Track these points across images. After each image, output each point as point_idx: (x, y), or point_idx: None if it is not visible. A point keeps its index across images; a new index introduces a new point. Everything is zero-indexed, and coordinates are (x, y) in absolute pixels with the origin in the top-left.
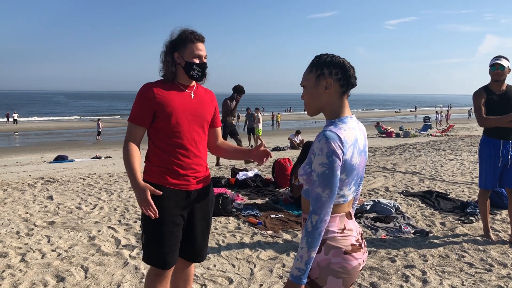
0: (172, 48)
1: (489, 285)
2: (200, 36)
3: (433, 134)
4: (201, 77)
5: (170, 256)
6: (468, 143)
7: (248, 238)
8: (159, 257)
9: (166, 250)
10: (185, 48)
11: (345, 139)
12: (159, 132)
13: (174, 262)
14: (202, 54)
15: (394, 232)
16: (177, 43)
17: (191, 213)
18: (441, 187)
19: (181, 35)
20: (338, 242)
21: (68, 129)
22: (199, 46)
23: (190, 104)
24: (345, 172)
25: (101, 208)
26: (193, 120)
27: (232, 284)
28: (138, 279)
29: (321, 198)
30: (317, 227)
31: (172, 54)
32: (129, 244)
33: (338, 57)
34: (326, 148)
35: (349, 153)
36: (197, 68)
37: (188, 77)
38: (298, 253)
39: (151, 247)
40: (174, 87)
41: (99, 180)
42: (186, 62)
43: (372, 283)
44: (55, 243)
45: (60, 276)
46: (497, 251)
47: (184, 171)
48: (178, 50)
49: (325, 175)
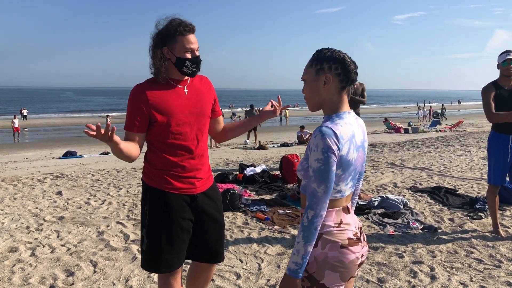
0: (160, 42)
1: (498, 281)
2: (190, 27)
3: (442, 129)
4: (195, 73)
5: (175, 261)
6: (478, 138)
7: (256, 234)
8: (163, 262)
9: (171, 255)
10: (175, 42)
11: (341, 134)
12: (159, 136)
13: (179, 264)
14: (194, 47)
15: (402, 228)
16: (165, 36)
17: (200, 216)
18: (450, 183)
19: (169, 27)
20: (334, 236)
21: (77, 125)
22: (190, 38)
23: (186, 101)
24: (341, 168)
25: (109, 204)
26: (192, 118)
27: (240, 279)
28: (146, 274)
29: (317, 193)
30: (313, 221)
31: (161, 49)
32: (137, 239)
33: (339, 51)
34: (321, 144)
35: (345, 149)
36: (191, 64)
37: (181, 73)
38: (295, 248)
39: (154, 254)
40: (167, 85)
41: (107, 175)
42: (177, 58)
43: (380, 278)
44: (64, 238)
45: (70, 271)
46: (506, 247)
47: (189, 173)
48: (167, 44)
49: (320, 171)
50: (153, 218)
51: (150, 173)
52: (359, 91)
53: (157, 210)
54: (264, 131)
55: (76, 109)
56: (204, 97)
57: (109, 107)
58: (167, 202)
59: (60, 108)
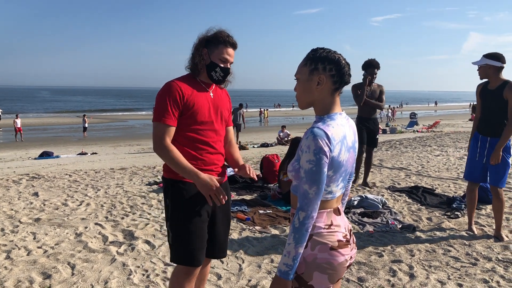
0: (204, 43)
1: (474, 278)
2: (234, 43)
3: (419, 130)
4: (221, 81)
5: (200, 253)
6: (454, 139)
7: (237, 234)
8: (189, 254)
9: (196, 246)
10: (216, 48)
11: (332, 136)
12: (182, 130)
13: (203, 259)
14: (229, 60)
15: (381, 227)
16: (210, 40)
17: (215, 209)
18: (427, 183)
19: (217, 34)
20: (324, 238)
21: (53, 125)
22: (229, 51)
23: (211, 103)
24: (332, 169)
25: (87, 205)
26: (214, 119)
27: (221, 280)
28: (125, 276)
29: (308, 194)
30: (304, 223)
31: (201, 49)
32: (116, 240)
33: (335, 52)
34: (313, 145)
35: (336, 150)
36: (219, 71)
37: (208, 76)
38: (286, 249)
39: (181, 246)
40: (197, 85)
41: (85, 176)
42: (211, 61)
43: (360, 278)
44: (41, 240)
45: (47, 273)
46: (482, 245)
47: (208, 167)
48: (209, 47)
49: (312, 172)
50: (175, 210)
51: None
52: (376, 94)
53: (179, 201)
54: (244, 131)
55: (53, 109)
56: (224, 104)
57: (87, 107)
58: (188, 192)
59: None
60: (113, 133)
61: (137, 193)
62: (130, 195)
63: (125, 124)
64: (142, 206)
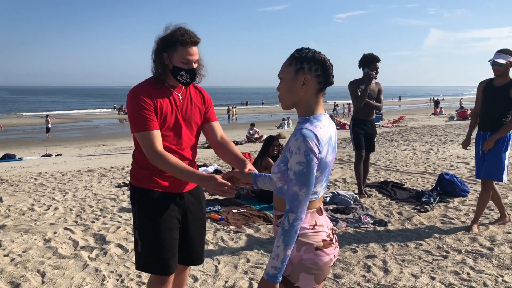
0: (162, 47)
1: (446, 271)
2: (193, 40)
3: (385, 125)
4: (189, 83)
5: (172, 261)
6: (419, 133)
7: (211, 235)
8: (160, 263)
9: (168, 255)
10: (175, 50)
11: (321, 137)
12: None
13: (176, 266)
14: (192, 59)
15: (354, 223)
16: (167, 43)
17: (186, 215)
18: (396, 177)
19: (172, 35)
20: (309, 238)
21: (14, 126)
22: (190, 50)
23: (179, 107)
24: (319, 170)
25: (55, 209)
26: (183, 123)
27: (197, 282)
28: (99, 282)
29: (298, 196)
30: (294, 225)
31: (161, 54)
32: (87, 245)
33: (319, 53)
34: (303, 146)
35: (324, 151)
36: (185, 74)
37: (176, 81)
38: (274, 252)
39: (151, 255)
40: (164, 89)
41: (51, 179)
42: (174, 66)
43: (336, 274)
44: (7, 248)
45: (15, 282)
46: (452, 238)
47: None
48: (168, 51)
49: (302, 174)
50: (142, 218)
51: (137, 174)
52: (375, 93)
53: (146, 210)
54: None
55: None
56: (195, 107)
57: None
58: (154, 201)
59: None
60: (77, 133)
61: (106, 195)
62: (100, 198)
63: (89, 124)
64: (113, 209)
